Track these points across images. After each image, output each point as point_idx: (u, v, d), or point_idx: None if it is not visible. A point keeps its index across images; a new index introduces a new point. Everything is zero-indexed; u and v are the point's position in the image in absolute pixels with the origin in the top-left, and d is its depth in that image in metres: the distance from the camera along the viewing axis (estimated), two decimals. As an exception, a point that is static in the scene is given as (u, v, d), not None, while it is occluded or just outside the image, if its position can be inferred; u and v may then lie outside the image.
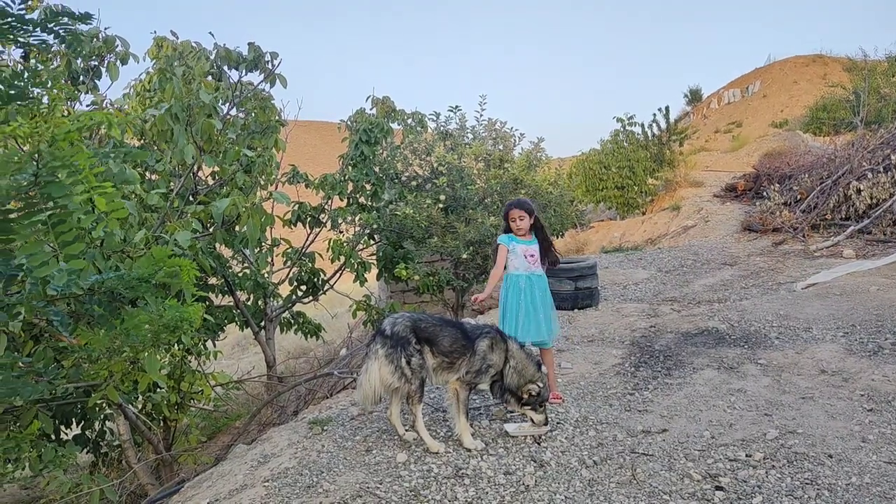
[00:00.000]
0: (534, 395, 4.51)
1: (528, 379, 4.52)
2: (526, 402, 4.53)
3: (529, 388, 4.51)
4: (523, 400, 4.52)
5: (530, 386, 4.51)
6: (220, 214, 5.46)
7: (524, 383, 4.51)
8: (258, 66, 7.15)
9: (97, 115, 2.02)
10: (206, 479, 4.58)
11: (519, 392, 4.52)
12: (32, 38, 2.85)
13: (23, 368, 2.83)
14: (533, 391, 4.50)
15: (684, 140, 21.98)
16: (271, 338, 8.84)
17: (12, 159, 1.78)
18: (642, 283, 10.63)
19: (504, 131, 8.93)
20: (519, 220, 5.16)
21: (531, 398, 4.52)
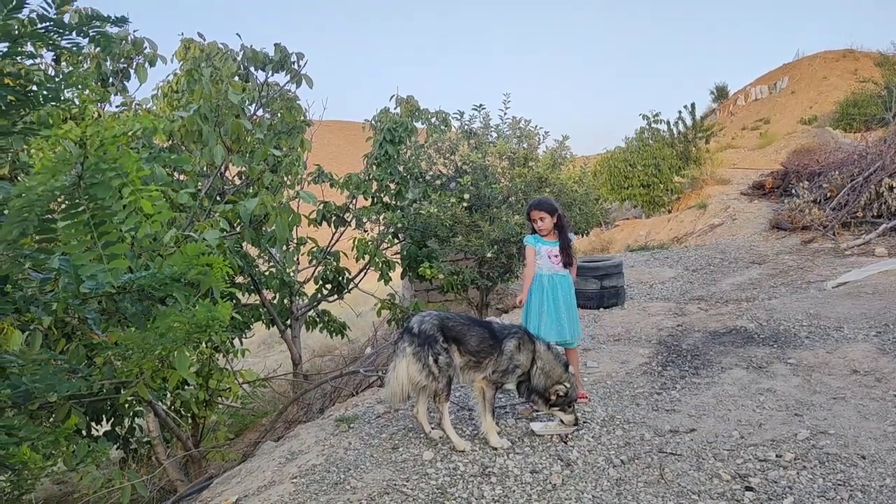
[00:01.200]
0: (561, 395, 4.49)
1: (556, 380, 4.50)
2: (553, 403, 4.51)
3: (556, 389, 4.49)
4: (551, 401, 4.51)
5: (557, 387, 4.49)
6: (248, 214, 5.52)
7: (551, 384, 4.50)
8: (284, 66, 7.21)
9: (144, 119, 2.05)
10: (234, 475, 4.64)
11: (546, 393, 4.51)
12: (66, 40, 2.91)
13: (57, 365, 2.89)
14: (560, 392, 4.49)
15: (710, 137, 21.72)
16: (297, 336, 8.91)
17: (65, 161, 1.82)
18: (669, 281, 10.53)
19: (528, 129, 8.91)
20: (540, 220, 5.14)
21: (558, 399, 4.50)
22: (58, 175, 1.84)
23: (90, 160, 1.86)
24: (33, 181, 1.86)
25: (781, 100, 39.95)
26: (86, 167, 1.88)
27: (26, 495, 2.60)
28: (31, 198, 1.85)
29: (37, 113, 2.70)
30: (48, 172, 1.85)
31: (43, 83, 2.80)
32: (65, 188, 1.87)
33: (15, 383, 2.30)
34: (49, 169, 1.85)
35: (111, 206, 1.92)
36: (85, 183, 1.88)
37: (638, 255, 13.72)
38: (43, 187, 1.82)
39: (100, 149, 1.89)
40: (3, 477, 2.65)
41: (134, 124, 2.10)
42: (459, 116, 9.28)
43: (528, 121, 8.99)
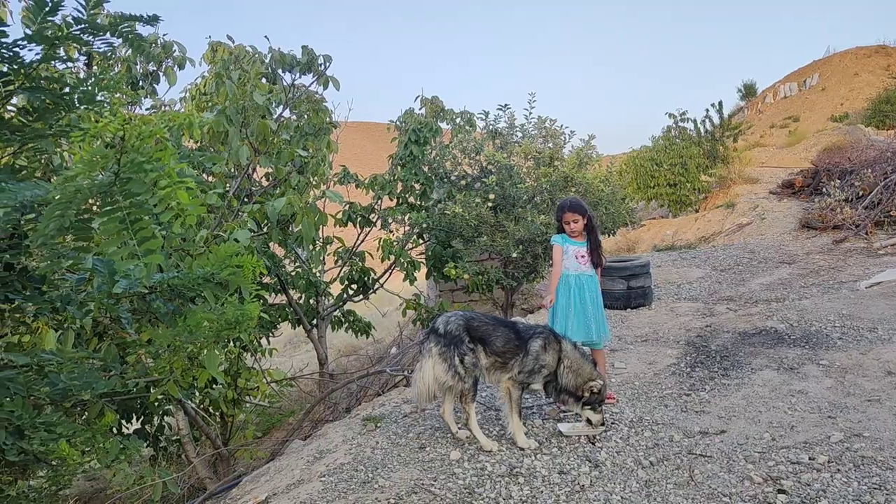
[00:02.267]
0: (595, 392, 4.47)
1: (587, 378, 4.48)
2: (587, 400, 4.48)
3: (591, 386, 4.47)
4: (584, 398, 4.48)
5: (592, 383, 4.47)
6: (275, 213, 5.57)
7: (583, 382, 4.47)
8: (311, 68, 7.26)
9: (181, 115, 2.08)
10: (263, 473, 4.68)
11: (578, 391, 4.48)
12: (100, 41, 2.96)
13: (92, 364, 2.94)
14: (595, 388, 4.47)
15: (738, 136, 21.42)
16: (323, 336, 8.96)
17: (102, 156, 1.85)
18: (696, 281, 10.41)
19: (554, 129, 8.86)
20: (573, 223, 5.11)
21: (592, 396, 4.48)
22: (94, 171, 1.87)
23: (127, 156, 1.89)
24: (71, 174, 1.89)
25: (811, 97, 39.27)
26: (122, 164, 1.91)
27: (63, 491, 2.65)
28: (69, 194, 1.88)
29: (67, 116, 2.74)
30: (86, 167, 1.88)
31: (77, 86, 2.85)
32: (102, 185, 1.90)
33: (53, 381, 2.34)
34: (87, 164, 1.88)
35: (146, 203, 1.94)
36: (122, 179, 1.91)
37: (665, 255, 13.59)
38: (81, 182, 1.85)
39: (137, 143, 1.92)
40: (41, 473, 2.71)
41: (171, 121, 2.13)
42: (484, 116, 9.26)
43: (553, 120, 8.95)
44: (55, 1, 2.64)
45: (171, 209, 2.01)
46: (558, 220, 5.24)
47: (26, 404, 2.27)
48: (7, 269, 2.58)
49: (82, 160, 1.87)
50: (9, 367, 2.50)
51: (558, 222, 5.24)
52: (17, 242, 2.59)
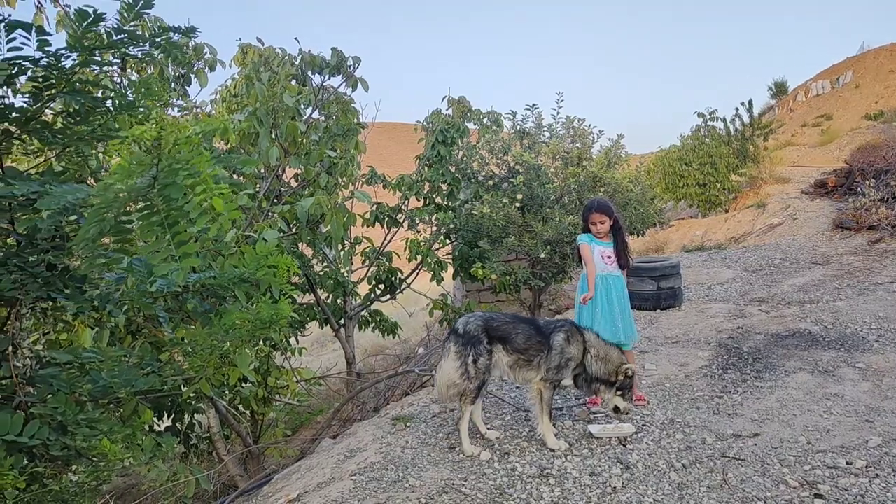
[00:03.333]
0: (629, 376, 4.49)
1: (618, 363, 4.50)
2: (621, 385, 4.49)
3: (626, 369, 4.48)
4: (618, 383, 4.48)
5: (626, 367, 4.49)
6: (304, 213, 5.62)
7: (614, 368, 4.48)
8: (340, 70, 7.30)
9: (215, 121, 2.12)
10: (294, 471, 4.72)
11: (611, 377, 4.48)
12: (138, 49, 3.02)
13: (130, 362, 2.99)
14: (630, 372, 4.49)
15: (769, 135, 21.09)
16: (351, 335, 9.01)
17: (140, 162, 1.89)
18: (727, 282, 10.27)
19: (582, 129, 8.81)
20: (600, 224, 5.08)
21: (627, 380, 4.49)
22: (133, 175, 1.91)
23: (164, 161, 1.93)
24: (110, 180, 1.93)
25: (845, 95, 38.48)
26: (160, 168, 1.94)
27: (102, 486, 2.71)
28: (109, 197, 1.92)
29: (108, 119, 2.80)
30: (124, 172, 1.92)
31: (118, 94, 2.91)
32: (140, 189, 1.94)
33: (94, 379, 2.39)
34: (125, 169, 1.92)
35: (183, 207, 1.98)
36: (159, 184, 1.95)
37: (694, 256, 13.43)
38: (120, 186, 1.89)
39: (174, 148, 1.96)
40: (81, 468, 2.76)
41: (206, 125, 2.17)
42: (512, 116, 9.24)
43: (581, 120, 8.89)
44: (97, 14, 2.70)
45: (207, 214, 2.05)
46: (584, 220, 5.20)
47: (69, 401, 2.32)
48: (49, 269, 2.64)
49: (121, 166, 1.91)
50: (52, 364, 2.56)
51: (584, 222, 5.20)
52: (60, 243, 2.65)
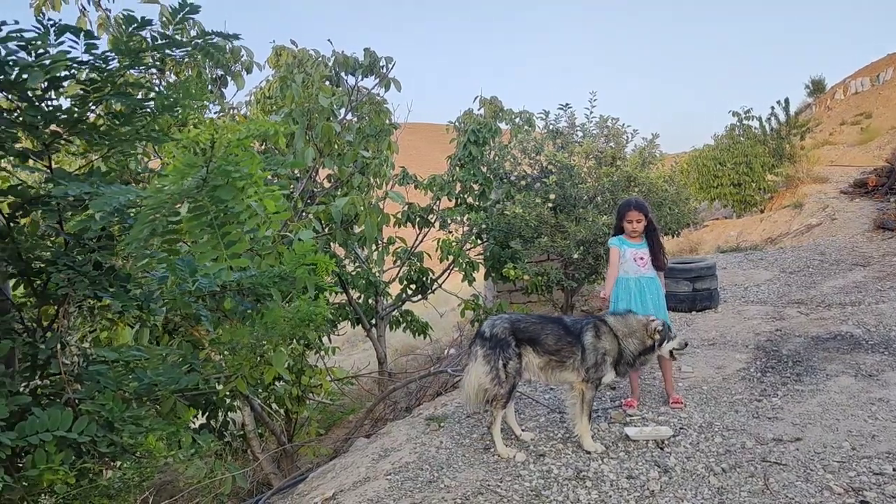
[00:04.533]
0: (660, 331, 4.44)
1: (642, 329, 4.46)
2: (659, 342, 4.47)
3: (653, 330, 4.43)
4: (655, 343, 4.45)
5: (651, 326, 4.44)
6: (339, 213, 5.66)
7: (642, 335, 4.44)
8: (373, 70, 7.33)
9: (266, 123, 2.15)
10: (329, 470, 4.75)
11: (646, 343, 4.44)
12: (182, 51, 3.07)
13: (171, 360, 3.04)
14: (657, 327, 4.44)
15: (806, 133, 20.67)
16: (382, 335, 9.04)
17: (192, 164, 1.92)
18: (764, 284, 10.08)
19: (616, 128, 8.72)
20: (636, 222, 5.01)
21: (661, 334, 4.45)
22: (186, 177, 1.94)
23: (215, 163, 1.96)
24: (165, 181, 1.97)
25: (885, 92, 37.49)
26: (210, 170, 1.97)
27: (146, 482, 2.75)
28: (162, 198, 1.95)
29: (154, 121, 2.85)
30: (178, 174, 1.95)
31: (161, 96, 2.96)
32: (189, 190, 1.97)
33: (139, 377, 2.43)
34: (179, 170, 1.95)
35: (233, 208, 2.00)
36: (209, 185, 1.97)
37: (730, 257, 13.22)
38: (174, 187, 1.92)
39: (226, 151, 1.98)
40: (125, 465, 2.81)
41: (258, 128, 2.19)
42: (545, 116, 9.18)
43: (615, 119, 8.80)
44: (144, 19, 2.75)
45: (257, 215, 2.07)
46: (619, 219, 5.13)
47: (116, 398, 2.36)
48: (96, 268, 2.69)
49: (175, 168, 1.94)
50: (98, 362, 2.61)
51: (619, 221, 5.13)
52: (106, 243, 2.71)
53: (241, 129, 2.08)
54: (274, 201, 2.09)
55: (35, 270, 2.73)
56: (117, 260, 2.87)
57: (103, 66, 2.69)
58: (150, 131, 3.02)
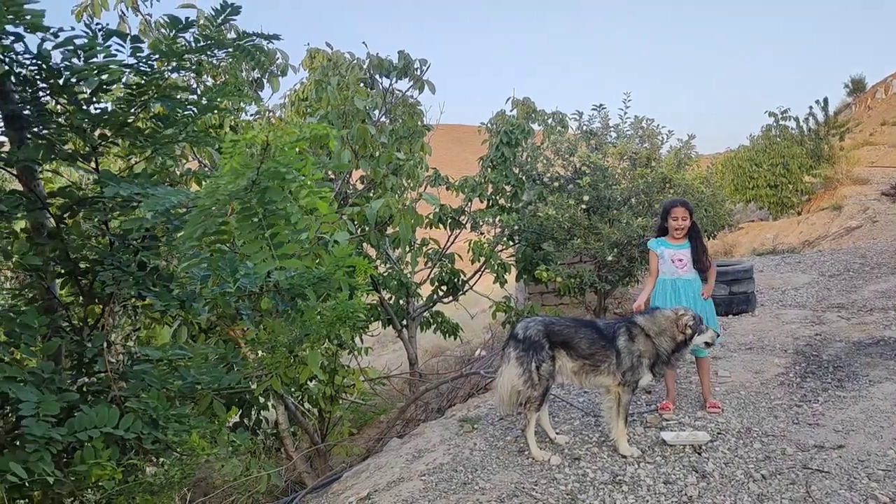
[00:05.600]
0: (690, 325, 4.38)
1: (672, 326, 4.39)
2: (690, 336, 4.40)
3: (683, 325, 4.37)
4: (687, 337, 4.39)
5: (681, 321, 4.38)
6: (373, 215, 5.69)
7: (673, 332, 4.38)
8: (407, 73, 7.36)
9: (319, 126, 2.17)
10: (363, 470, 4.78)
11: (677, 339, 4.38)
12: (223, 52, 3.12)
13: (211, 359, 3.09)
14: (688, 321, 4.38)
15: (845, 134, 20.21)
16: (413, 336, 9.07)
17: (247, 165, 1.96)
18: (803, 287, 9.88)
19: (651, 129, 8.62)
20: (682, 219, 4.93)
21: (691, 328, 4.38)
22: (242, 177, 1.97)
23: (266, 165, 1.98)
24: (221, 181, 2.00)
25: (927, 91, 36.47)
26: (261, 172, 2.00)
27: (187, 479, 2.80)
28: (216, 198, 1.98)
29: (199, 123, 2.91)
30: (234, 174, 1.98)
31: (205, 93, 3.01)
32: (237, 192, 2.00)
33: (183, 375, 2.47)
34: (235, 171, 1.98)
35: (283, 209, 2.03)
36: (258, 186, 2.00)
37: (766, 260, 12.99)
38: (231, 187, 1.95)
39: (281, 152, 2.01)
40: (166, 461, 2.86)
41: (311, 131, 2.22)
42: (578, 117, 9.12)
43: (650, 120, 8.70)
44: (188, 21, 2.80)
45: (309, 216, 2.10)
46: (663, 219, 5.07)
47: (160, 397, 2.41)
48: (140, 268, 2.75)
49: (231, 168, 1.98)
50: (143, 360, 2.67)
51: (663, 220, 5.07)
52: (150, 243, 2.76)
53: (296, 131, 2.11)
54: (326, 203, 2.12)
55: (82, 270, 2.79)
56: (160, 260, 2.93)
57: (148, 69, 2.75)
58: (190, 133, 3.08)
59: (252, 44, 3.06)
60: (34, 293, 2.86)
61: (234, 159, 1.94)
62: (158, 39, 2.98)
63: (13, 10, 1.84)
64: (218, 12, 2.97)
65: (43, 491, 2.47)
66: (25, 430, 2.02)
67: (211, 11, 3.03)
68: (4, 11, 1.82)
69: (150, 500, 2.65)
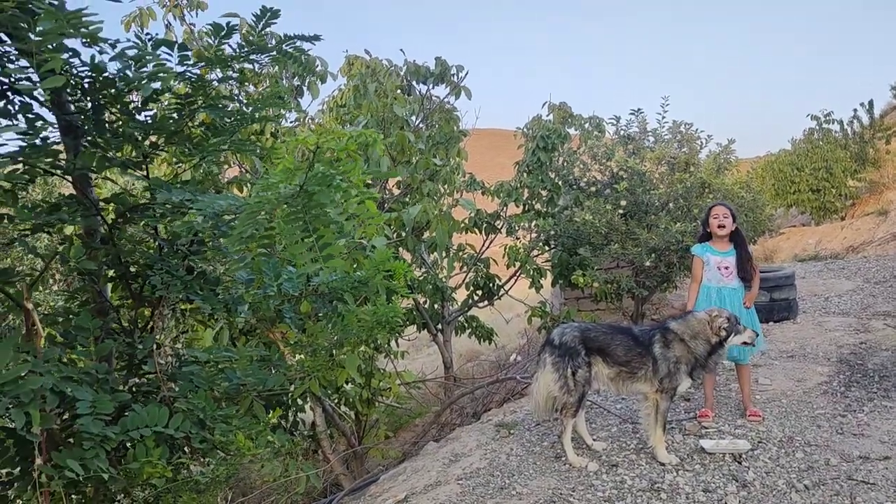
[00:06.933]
0: (725, 327, 4.32)
1: (706, 329, 4.34)
2: (725, 338, 4.34)
3: (718, 325, 4.31)
4: (723, 338, 4.34)
5: (717, 324, 4.32)
6: (411, 220, 5.75)
7: (707, 334, 4.33)
8: (444, 79, 7.42)
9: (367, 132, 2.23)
10: (400, 472, 4.82)
11: (711, 341, 4.34)
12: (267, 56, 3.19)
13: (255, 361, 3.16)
14: (722, 324, 4.32)
15: (892, 137, 19.66)
16: (448, 340, 9.10)
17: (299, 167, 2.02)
18: (847, 294, 9.64)
19: (689, 133, 8.54)
20: (723, 217, 4.87)
21: (726, 330, 4.32)
22: (292, 181, 2.03)
23: (315, 169, 2.04)
24: (274, 180, 2.06)
25: (978, 92, 35.27)
26: (309, 176, 2.05)
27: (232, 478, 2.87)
28: (271, 199, 2.05)
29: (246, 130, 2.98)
30: (286, 176, 2.04)
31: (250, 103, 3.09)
32: (285, 196, 2.06)
33: (230, 377, 2.54)
34: (288, 172, 2.04)
35: (329, 213, 2.08)
36: (305, 190, 2.06)
37: (808, 266, 12.71)
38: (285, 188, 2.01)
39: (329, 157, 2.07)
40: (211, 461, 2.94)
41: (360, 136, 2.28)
42: (616, 121, 9.07)
43: (689, 124, 8.61)
44: (230, 27, 2.88)
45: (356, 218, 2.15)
46: (704, 223, 5.01)
47: (208, 397, 2.48)
48: (188, 272, 2.83)
49: (284, 169, 2.04)
50: (191, 362, 2.74)
51: (704, 225, 5.02)
52: (198, 248, 2.84)
53: (345, 136, 2.16)
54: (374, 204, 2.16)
55: (132, 274, 2.89)
56: (207, 264, 3.01)
57: (196, 78, 2.83)
58: (234, 141, 3.16)
59: (293, 46, 3.13)
60: (86, 296, 2.97)
61: (287, 159, 1.99)
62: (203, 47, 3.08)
63: (73, 24, 1.93)
64: (259, 17, 3.03)
65: (95, 487, 2.56)
66: (82, 427, 2.11)
67: (252, 19, 3.11)
68: (66, 25, 1.90)
69: (196, 499, 2.73)
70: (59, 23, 1.87)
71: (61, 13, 1.91)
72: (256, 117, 3.05)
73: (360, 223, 2.26)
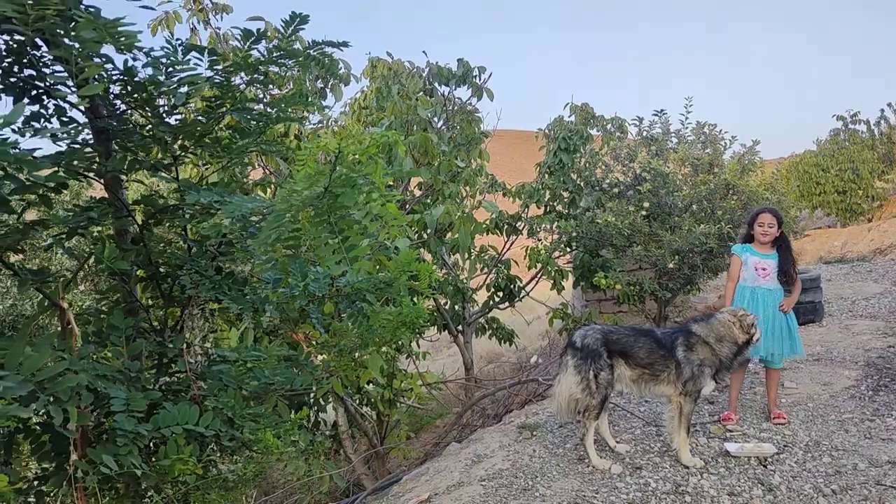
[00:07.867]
0: (755, 324, 4.38)
1: (732, 329, 4.34)
2: (754, 335, 4.39)
3: (748, 324, 4.34)
4: (752, 336, 4.37)
5: (746, 321, 4.34)
6: (433, 222, 5.77)
7: (735, 334, 4.33)
8: (466, 80, 7.43)
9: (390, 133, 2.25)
10: (423, 473, 4.84)
11: (739, 341, 4.34)
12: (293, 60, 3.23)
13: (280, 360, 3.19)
14: (751, 321, 4.36)
15: (920, 137, 19.32)
16: (469, 341, 9.10)
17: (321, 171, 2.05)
18: (874, 297, 9.49)
19: (713, 134, 8.46)
20: (768, 226, 4.85)
21: (756, 326, 4.39)
22: (316, 184, 2.06)
23: (338, 171, 2.07)
24: (297, 186, 2.09)
25: None
26: (333, 178, 2.08)
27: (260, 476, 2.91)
28: (293, 203, 2.08)
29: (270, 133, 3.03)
30: (309, 180, 2.07)
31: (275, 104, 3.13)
32: (310, 199, 2.09)
33: (258, 376, 2.58)
34: (310, 177, 2.08)
35: (353, 214, 2.11)
36: (330, 192, 2.09)
37: (834, 268, 12.53)
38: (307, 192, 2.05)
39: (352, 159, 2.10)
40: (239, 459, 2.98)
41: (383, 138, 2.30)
42: (638, 122, 9.01)
43: (713, 125, 8.53)
44: (260, 32, 2.92)
45: (378, 219, 2.17)
46: (750, 225, 5.00)
47: (237, 396, 2.52)
48: (217, 273, 2.88)
49: (307, 174, 2.07)
50: (220, 361, 2.79)
51: (749, 228, 5.01)
52: (226, 249, 2.88)
53: (367, 138, 2.19)
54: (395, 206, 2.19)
55: (162, 274, 2.94)
56: (235, 265, 3.05)
57: (225, 82, 2.88)
58: (261, 143, 3.20)
59: (321, 51, 3.17)
60: (117, 296, 3.03)
61: (308, 165, 2.02)
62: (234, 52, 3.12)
63: (111, 32, 1.97)
64: (287, 23, 3.08)
65: (126, 483, 2.61)
66: (116, 424, 2.16)
67: (280, 23, 3.15)
68: (105, 34, 1.95)
69: (224, 496, 2.77)
70: (99, 32, 1.92)
71: (99, 22, 1.95)
72: (281, 117, 3.08)
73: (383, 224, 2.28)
